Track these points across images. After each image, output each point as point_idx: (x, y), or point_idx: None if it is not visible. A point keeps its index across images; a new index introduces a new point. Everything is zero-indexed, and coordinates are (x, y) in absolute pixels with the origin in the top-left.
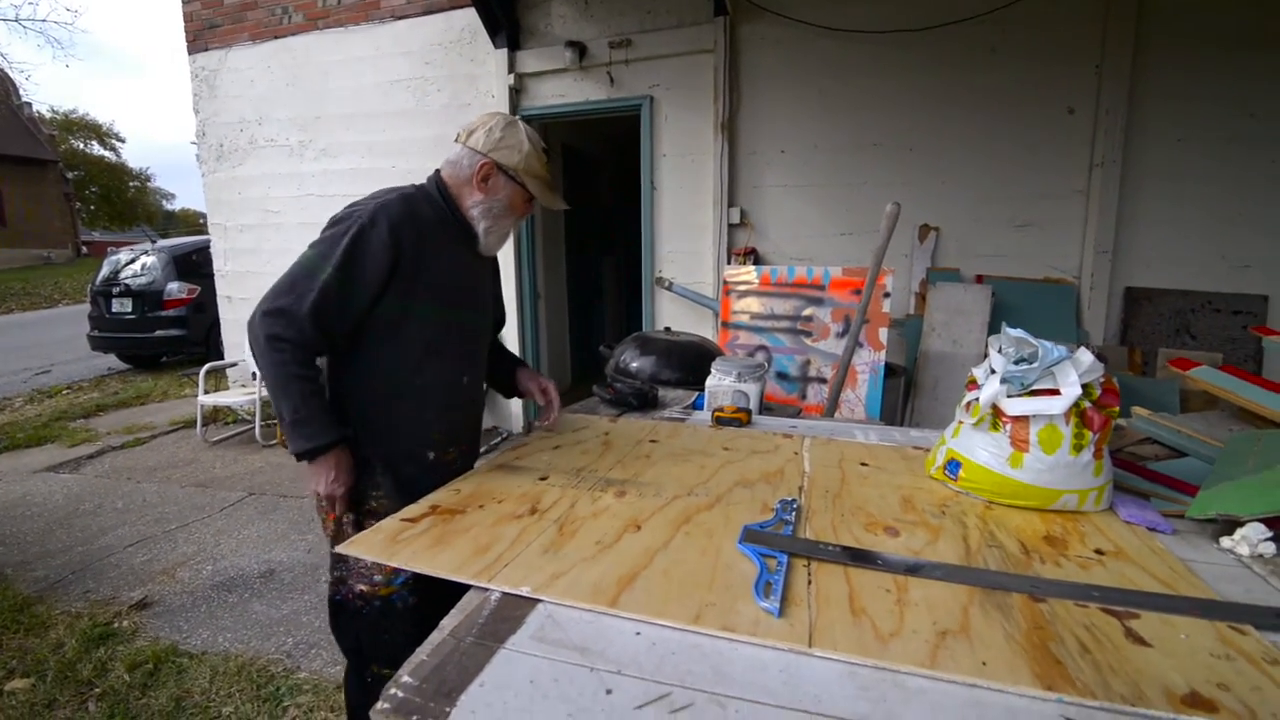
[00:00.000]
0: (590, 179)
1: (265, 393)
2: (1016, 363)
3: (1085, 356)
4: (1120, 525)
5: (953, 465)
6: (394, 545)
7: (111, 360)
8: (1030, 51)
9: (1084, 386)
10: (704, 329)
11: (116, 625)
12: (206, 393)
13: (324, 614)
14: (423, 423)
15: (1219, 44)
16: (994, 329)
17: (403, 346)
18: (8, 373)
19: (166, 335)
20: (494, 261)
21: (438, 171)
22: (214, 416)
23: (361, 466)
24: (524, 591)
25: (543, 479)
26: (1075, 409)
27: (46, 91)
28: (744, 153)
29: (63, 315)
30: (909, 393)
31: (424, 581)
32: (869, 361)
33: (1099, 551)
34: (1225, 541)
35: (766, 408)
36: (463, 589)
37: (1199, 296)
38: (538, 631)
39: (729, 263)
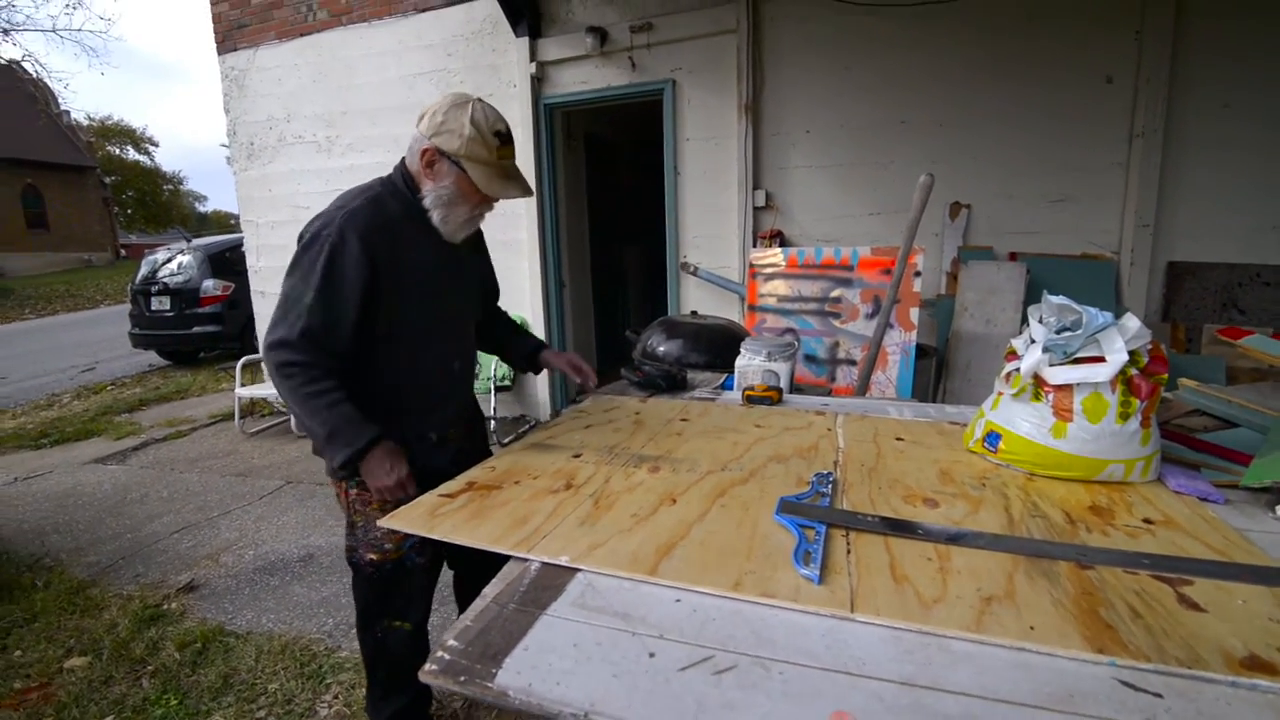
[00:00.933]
0: (613, 165)
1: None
2: (1059, 331)
3: (1132, 322)
4: (1169, 495)
5: (992, 437)
6: (433, 519)
7: (152, 357)
8: (1066, 18)
9: (1130, 354)
10: (729, 314)
11: (165, 607)
12: (243, 385)
13: None
14: (424, 411)
15: (1266, 3)
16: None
17: (394, 344)
18: (56, 370)
19: (203, 331)
20: (481, 243)
21: (402, 159)
22: (251, 409)
23: None
24: (563, 561)
25: (576, 456)
26: (1121, 376)
27: (83, 99)
28: (768, 134)
29: (105, 315)
30: (940, 374)
31: (430, 542)
32: (900, 342)
33: (1148, 521)
34: None
35: (796, 389)
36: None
37: (1247, 270)
38: (578, 599)
39: (754, 246)
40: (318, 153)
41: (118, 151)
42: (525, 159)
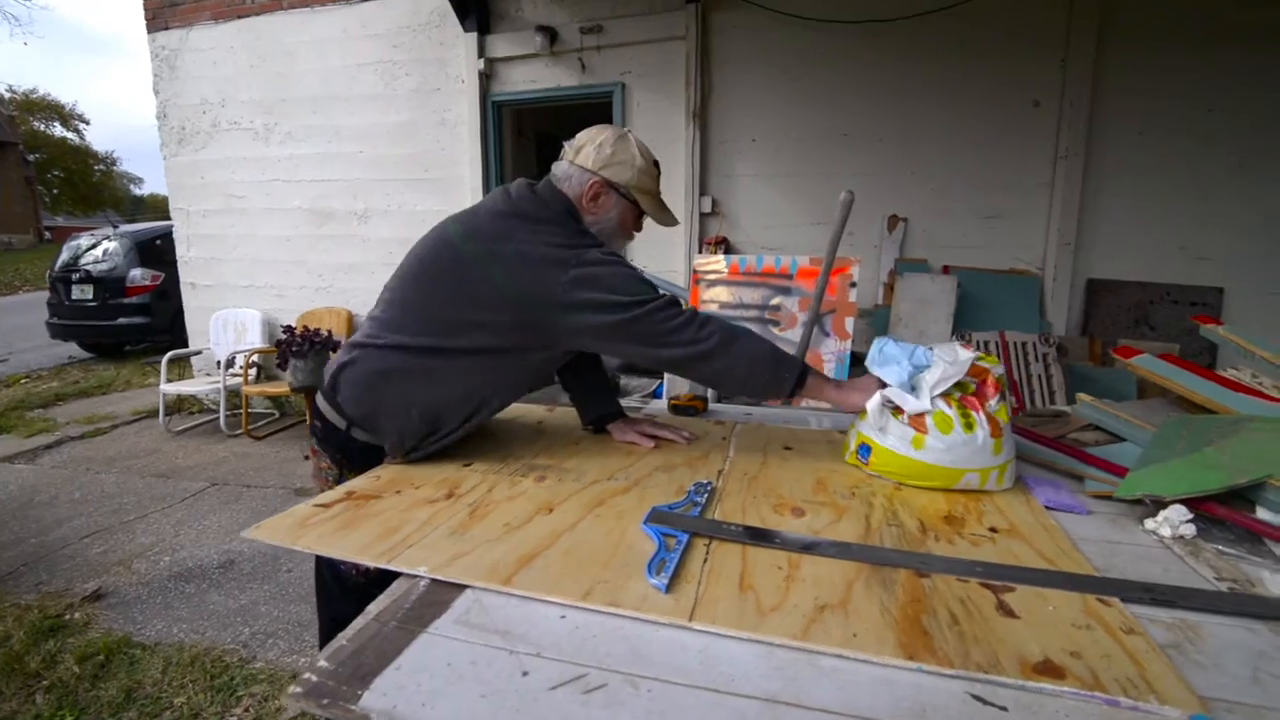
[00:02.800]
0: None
1: (230, 383)
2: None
3: (938, 368)
4: (1020, 504)
5: (864, 450)
6: (300, 529)
7: (72, 348)
8: (998, 45)
9: (955, 386)
10: None
11: (68, 617)
12: (169, 381)
13: (283, 603)
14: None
15: (1180, 39)
16: (959, 319)
17: (524, 370)
18: None
19: (129, 323)
20: None
21: (560, 192)
22: (178, 406)
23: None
24: (420, 571)
25: (466, 465)
26: (954, 398)
27: (2, 69)
28: (715, 141)
29: (23, 302)
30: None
31: None
32: (835, 351)
33: (993, 530)
34: (1149, 523)
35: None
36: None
37: (1158, 288)
38: (463, 616)
39: (700, 251)
40: (254, 140)
41: (43, 127)
42: (472, 154)
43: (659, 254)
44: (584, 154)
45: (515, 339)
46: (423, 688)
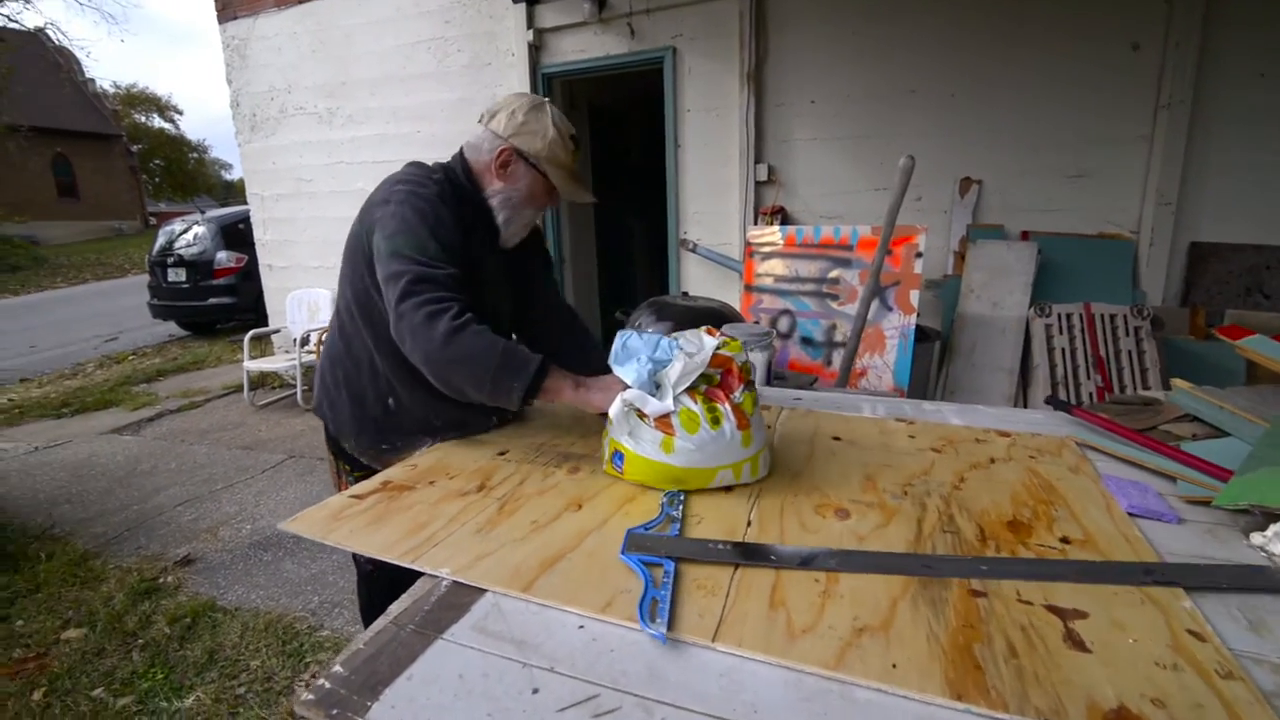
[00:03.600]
0: (620, 137)
1: (306, 359)
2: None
3: (678, 362)
4: (1098, 509)
5: (617, 457)
6: (334, 523)
7: (172, 327)
8: None
9: (700, 378)
10: (729, 292)
11: (162, 581)
12: (252, 358)
13: (348, 575)
14: (430, 408)
15: None
16: (1040, 289)
17: None
18: (80, 340)
19: (218, 303)
20: (536, 245)
21: (461, 153)
22: (261, 381)
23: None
24: (443, 574)
25: (502, 454)
26: (700, 390)
27: (105, 67)
28: (771, 105)
29: (132, 284)
30: (944, 359)
31: None
32: (898, 326)
33: (1065, 540)
34: (1256, 538)
35: (778, 376)
36: None
37: (1276, 252)
38: (480, 621)
39: (755, 222)
40: (319, 124)
41: (144, 119)
42: None
43: (712, 226)
44: (497, 119)
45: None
46: (431, 701)
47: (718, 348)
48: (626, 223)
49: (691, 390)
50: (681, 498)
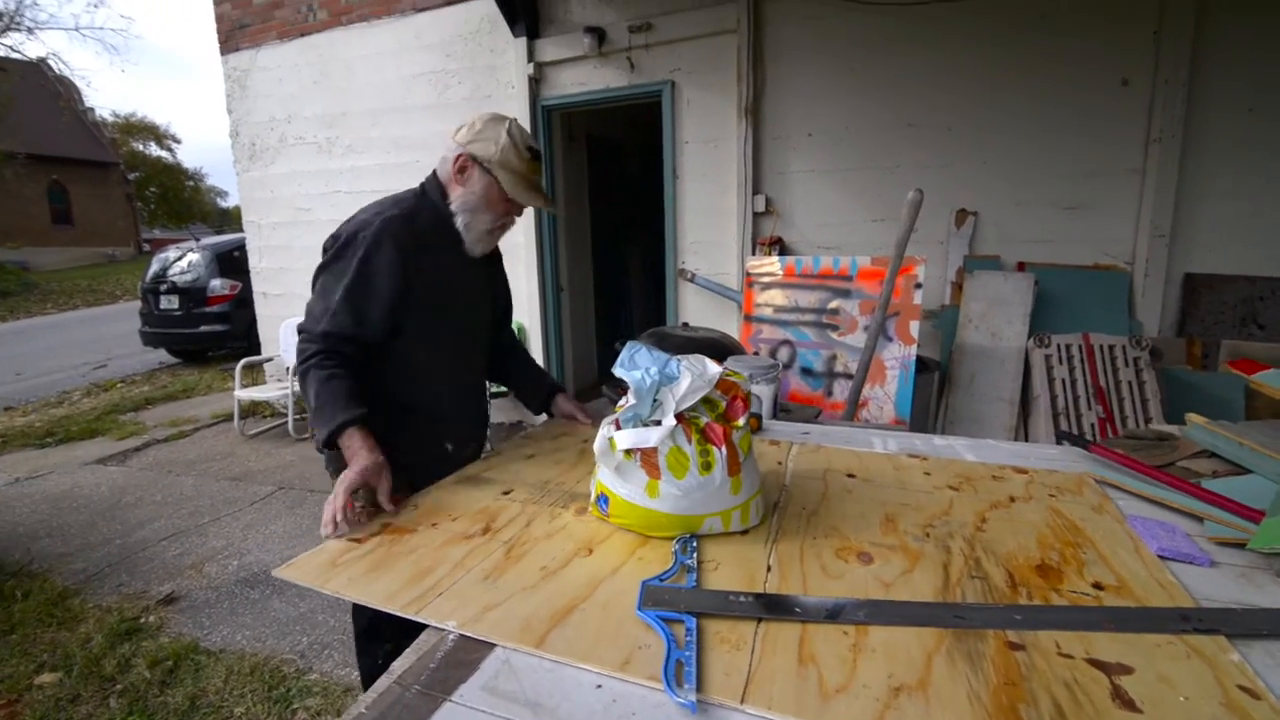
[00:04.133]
0: (617, 167)
1: (298, 388)
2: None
3: (685, 378)
4: (1127, 552)
5: (602, 500)
6: (331, 570)
7: (162, 355)
8: (1081, 16)
9: (702, 403)
10: (728, 323)
11: (143, 620)
12: (244, 387)
13: (338, 614)
14: (438, 420)
15: None
16: (1037, 320)
17: (413, 352)
18: (69, 367)
19: (211, 330)
20: (499, 263)
21: (434, 170)
22: (251, 410)
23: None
24: (450, 626)
25: (505, 493)
26: (694, 426)
27: (105, 97)
28: (769, 137)
29: (123, 311)
30: (943, 389)
31: None
32: (899, 357)
33: (1098, 586)
34: None
35: (784, 409)
36: None
37: (1269, 283)
38: (490, 681)
39: (754, 253)
40: (318, 154)
41: (141, 148)
42: None
43: (710, 256)
44: (460, 132)
45: None
46: None
47: (723, 374)
48: (623, 253)
49: (689, 423)
50: (695, 543)
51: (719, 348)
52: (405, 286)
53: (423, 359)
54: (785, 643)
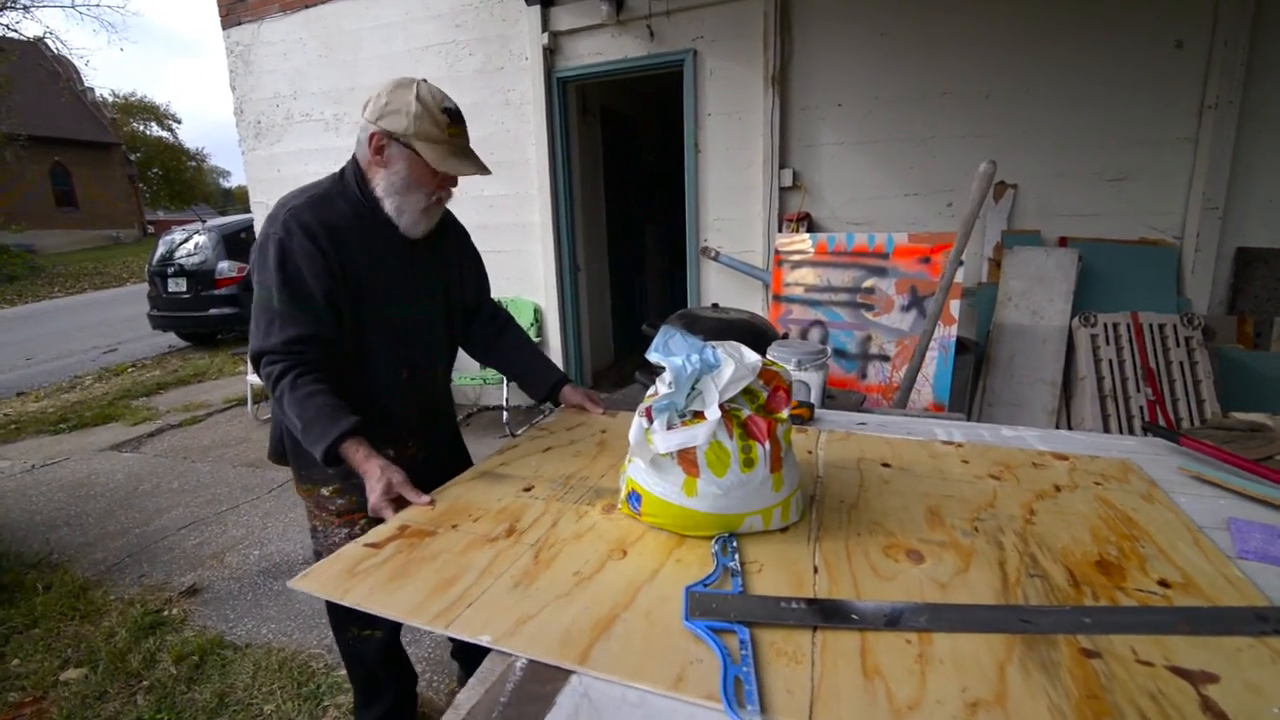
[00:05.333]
0: (633, 142)
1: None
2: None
3: (728, 366)
4: (1186, 546)
5: (634, 498)
6: (349, 579)
7: (172, 338)
8: None
9: (743, 394)
10: (753, 303)
11: (166, 613)
12: (253, 372)
13: None
14: (374, 422)
15: None
16: (1081, 298)
17: (343, 354)
18: (79, 351)
19: (220, 313)
20: (457, 241)
21: (353, 156)
22: (264, 395)
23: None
24: (484, 641)
25: (527, 489)
26: (736, 420)
27: (104, 77)
28: (796, 108)
29: (130, 293)
30: (980, 370)
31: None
32: (938, 337)
33: (1163, 583)
34: None
35: (829, 395)
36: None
37: None
38: (571, 717)
39: (780, 230)
40: (325, 131)
41: (142, 128)
42: (538, 135)
43: (734, 233)
44: (368, 108)
45: None
46: None
47: (763, 363)
48: (639, 231)
49: (729, 416)
50: (735, 543)
51: (754, 331)
52: (329, 276)
53: (353, 355)
54: (846, 654)
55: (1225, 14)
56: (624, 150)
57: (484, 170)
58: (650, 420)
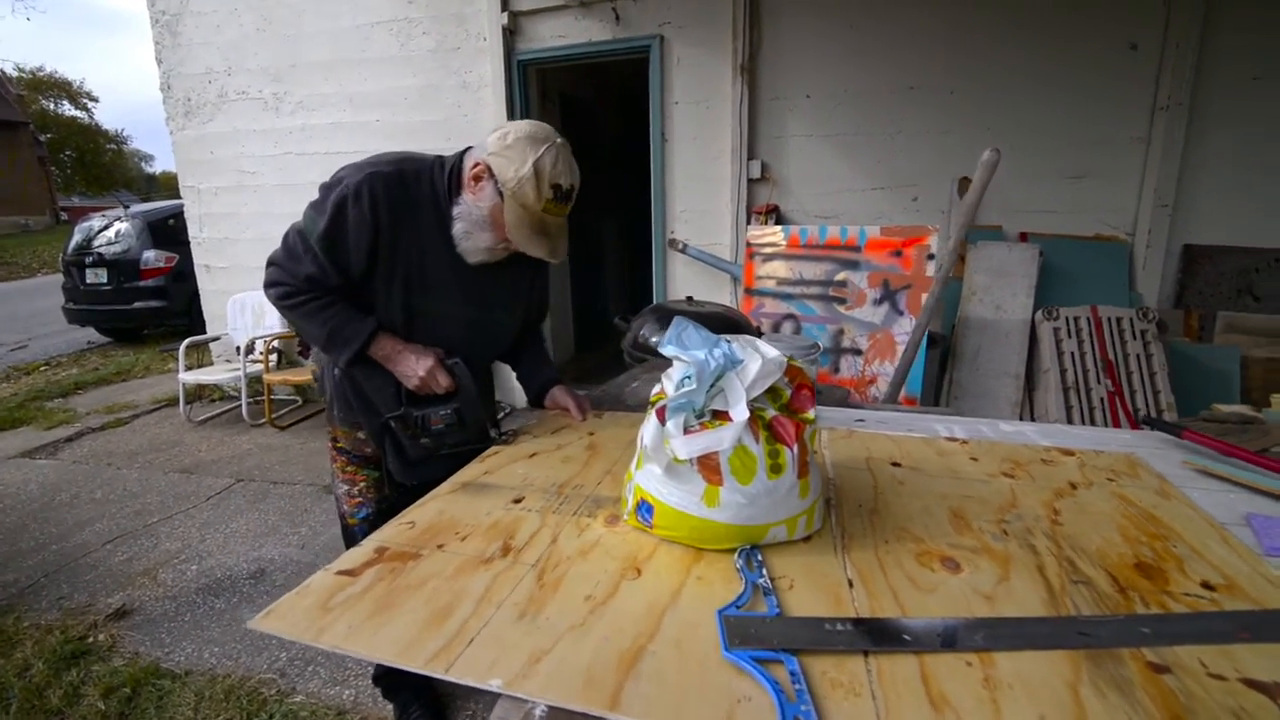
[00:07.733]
0: (593, 131)
1: (251, 369)
2: (680, 383)
3: (754, 362)
4: (1216, 544)
5: (644, 509)
6: (324, 615)
7: (90, 333)
8: None
9: (771, 389)
10: (721, 296)
11: (91, 640)
12: (188, 369)
13: None
14: (393, 401)
15: None
16: (1042, 293)
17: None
18: None
19: (146, 307)
20: (530, 266)
21: (463, 153)
22: (198, 394)
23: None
24: (494, 685)
25: (517, 501)
26: (761, 422)
27: (8, 48)
28: (765, 98)
29: (42, 285)
30: (946, 364)
31: (382, 513)
32: (909, 330)
33: (1207, 585)
34: None
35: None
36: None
37: (1265, 254)
38: None
39: (749, 222)
40: (264, 111)
41: (53, 107)
42: (497, 120)
43: (701, 225)
44: (495, 134)
45: None
46: None
47: (788, 359)
48: (596, 223)
49: (754, 417)
50: (759, 556)
51: (729, 323)
52: (371, 249)
53: (403, 336)
54: (907, 680)
55: (1177, 16)
56: (585, 139)
57: (553, 258)
58: (662, 420)
